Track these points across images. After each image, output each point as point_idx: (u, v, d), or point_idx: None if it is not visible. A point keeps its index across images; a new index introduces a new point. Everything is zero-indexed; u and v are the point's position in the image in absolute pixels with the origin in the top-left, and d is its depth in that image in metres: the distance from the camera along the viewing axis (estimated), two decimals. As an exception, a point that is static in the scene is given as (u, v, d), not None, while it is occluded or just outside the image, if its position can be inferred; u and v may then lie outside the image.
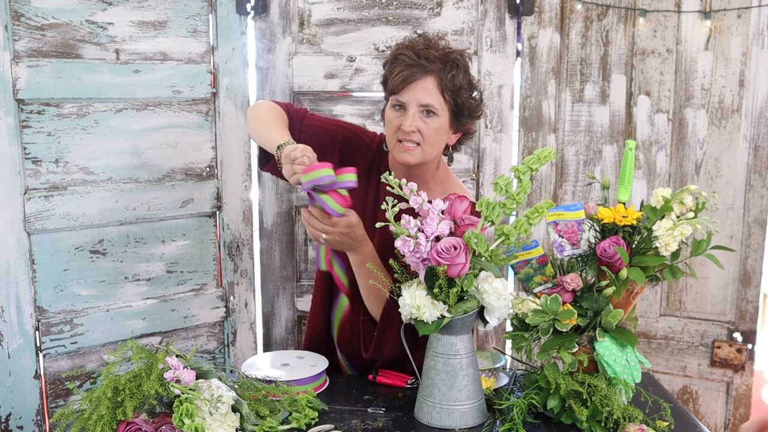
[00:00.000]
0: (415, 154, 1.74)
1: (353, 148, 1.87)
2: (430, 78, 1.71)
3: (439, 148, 1.79)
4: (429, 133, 1.73)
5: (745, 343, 2.46)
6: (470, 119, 1.80)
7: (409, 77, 1.70)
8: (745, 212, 2.42)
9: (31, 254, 2.06)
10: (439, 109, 1.72)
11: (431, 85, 1.71)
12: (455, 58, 1.74)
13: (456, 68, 1.72)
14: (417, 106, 1.71)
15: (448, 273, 1.51)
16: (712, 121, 2.42)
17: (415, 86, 1.71)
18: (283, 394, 1.64)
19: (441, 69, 1.71)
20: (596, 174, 2.50)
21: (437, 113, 1.72)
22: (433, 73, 1.71)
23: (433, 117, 1.72)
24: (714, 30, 2.38)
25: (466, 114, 1.77)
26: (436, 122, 1.73)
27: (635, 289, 1.64)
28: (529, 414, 1.61)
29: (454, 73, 1.71)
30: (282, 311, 2.62)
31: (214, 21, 2.36)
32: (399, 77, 1.71)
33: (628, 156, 1.69)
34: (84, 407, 1.45)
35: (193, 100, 2.34)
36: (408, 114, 1.72)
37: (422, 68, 1.70)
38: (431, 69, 1.71)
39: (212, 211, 2.42)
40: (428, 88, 1.71)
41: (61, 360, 2.15)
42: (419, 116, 1.72)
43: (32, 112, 2.04)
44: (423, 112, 1.72)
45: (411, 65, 1.71)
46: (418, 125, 1.71)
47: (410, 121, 1.71)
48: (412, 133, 1.72)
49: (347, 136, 1.88)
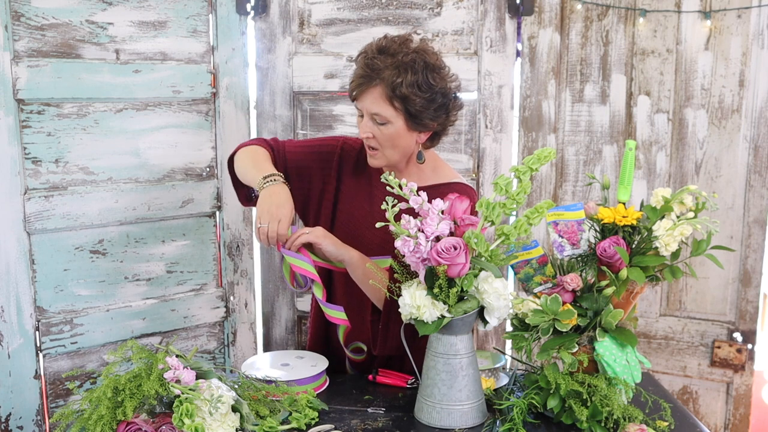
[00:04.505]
0: (378, 158, 1.80)
1: (341, 158, 1.92)
2: (378, 87, 1.72)
3: (404, 149, 1.81)
4: (383, 140, 1.76)
5: (745, 343, 2.46)
6: (435, 120, 1.77)
7: (358, 86, 1.74)
8: (745, 212, 2.42)
9: (31, 254, 2.06)
10: (390, 117, 1.73)
11: (378, 95, 1.72)
12: (406, 62, 1.69)
13: (405, 73, 1.69)
14: (369, 114, 1.75)
15: (448, 273, 1.51)
16: (712, 121, 2.42)
17: (365, 95, 1.74)
18: (283, 394, 1.64)
19: (389, 76, 1.69)
20: (596, 174, 2.50)
21: (389, 121, 1.74)
22: (382, 81, 1.71)
23: (386, 125, 1.74)
24: (714, 30, 2.38)
25: (426, 116, 1.74)
26: (389, 129, 1.75)
27: (635, 289, 1.64)
28: (529, 414, 1.61)
29: (401, 80, 1.68)
30: (282, 311, 2.62)
31: (214, 21, 2.36)
32: (352, 85, 1.76)
33: (628, 156, 1.69)
34: (84, 407, 1.45)
35: (193, 100, 2.34)
36: (363, 121, 1.77)
37: (369, 79, 1.72)
38: (380, 77, 1.71)
39: (212, 211, 2.43)
40: (375, 98, 1.72)
41: (61, 360, 2.15)
42: (371, 124, 1.75)
43: (32, 112, 2.04)
44: (375, 121, 1.75)
45: (361, 75, 1.73)
46: (372, 131, 1.75)
47: (363, 128, 1.76)
48: (369, 138, 1.77)
49: (329, 152, 1.92)
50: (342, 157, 1.92)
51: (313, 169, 1.91)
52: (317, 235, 1.75)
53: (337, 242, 1.78)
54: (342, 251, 1.77)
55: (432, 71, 1.72)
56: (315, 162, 1.91)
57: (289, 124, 2.52)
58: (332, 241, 1.77)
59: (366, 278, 1.75)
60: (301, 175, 1.90)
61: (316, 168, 1.91)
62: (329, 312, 1.80)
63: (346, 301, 1.88)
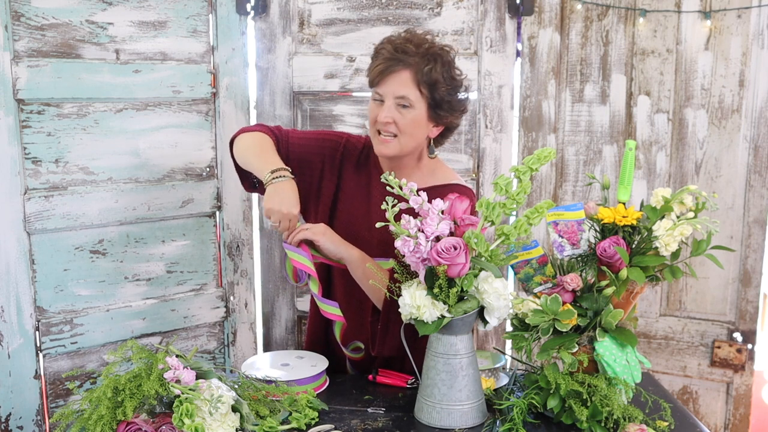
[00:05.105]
0: (391, 146, 1.79)
1: (344, 154, 1.92)
2: (407, 71, 1.74)
3: (418, 140, 1.82)
4: (404, 124, 1.76)
5: (745, 343, 2.46)
6: (451, 114, 1.82)
7: (385, 70, 1.75)
8: (745, 212, 2.42)
9: (31, 254, 2.06)
10: (415, 101, 1.75)
11: (406, 78, 1.74)
12: (435, 52, 1.77)
13: (434, 62, 1.75)
14: (393, 98, 1.75)
15: (448, 273, 1.51)
16: (712, 121, 2.42)
17: (391, 78, 1.75)
18: (283, 394, 1.64)
19: (418, 62, 1.74)
20: (596, 174, 2.50)
21: (413, 105, 1.75)
22: (410, 66, 1.74)
23: (408, 109, 1.76)
24: (714, 30, 2.38)
25: (445, 108, 1.80)
26: (411, 113, 1.76)
27: (635, 289, 1.64)
28: (529, 414, 1.61)
29: (431, 66, 1.74)
30: (282, 311, 2.62)
31: (214, 21, 2.36)
32: (377, 70, 1.76)
33: (628, 156, 1.69)
34: (84, 407, 1.45)
35: (193, 100, 2.34)
36: (385, 105, 1.76)
37: (399, 61, 1.74)
38: (408, 62, 1.74)
39: (212, 211, 2.43)
40: (403, 80, 1.74)
41: (61, 360, 2.15)
42: (395, 108, 1.76)
43: (32, 112, 2.04)
44: (399, 105, 1.75)
45: (389, 58, 1.75)
46: (393, 116, 1.75)
47: (385, 113, 1.75)
48: (388, 124, 1.76)
49: (333, 148, 1.92)
50: (344, 155, 1.92)
51: (315, 162, 1.91)
52: (315, 232, 1.76)
53: (337, 240, 1.78)
54: (341, 249, 1.77)
55: (453, 67, 1.80)
56: (317, 156, 1.91)
57: (289, 124, 2.52)
58: (331, 239, 1.77)
59: (366, 277, 1.75)
60: (302, 168, 1.89)
61: (317, 162, 1.91)
62: (324, 307, 1.82)
63: (346, 301, 1.88)
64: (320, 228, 1.78)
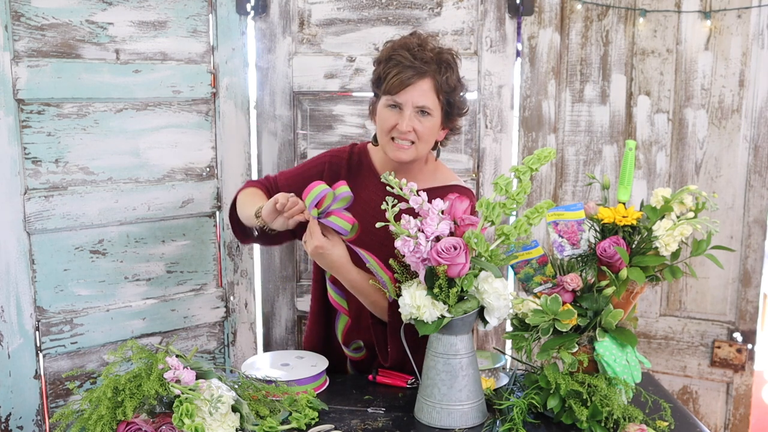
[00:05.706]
0: (409, 152, 1.79)
1: (331, 171, 1.93)
2: (427, 80, 1.75)
3: (431, 145, 1.85)
4: (424, 133, 1.78)
5: (745, 343, 2.46)
6: (459, 117, 1.87)
7: (405, 80, 1.74)
8: (745, 212, 2.42)
9: (31, 254, 2.06)
10: (434, 109, 1.77)
11: (427, 87, 1.75)
12: (447, 58, 1.78)
13: (449, 69, 1.77)
14: (413, 107, 1.75)
15: (448, 273, 1.51)
16: (712, 121, 2.42)
17: (412, 89, 1.74)
18: (283, 394, 1.64)
19: (436, 70, 1.75)
20: (596, 174, 2.50)
21: (432, 113, 1.77)
22: (429, 75, 1.75)
23: (427, 117, 1.77)
24: (714, 30, 2.38)
25: (455, 112, 1.83)
26: (430, 122, 1.78)
27: (635, 289, 1.64)
28: (529, 414, 1.61)
29: (448, 75, 1.76)
30: (282, 311, 2.62)
31: (214, 21, 2.36)
32: (396, 79, 1.74)
33: (628, 156, 1.69)
34: (84, 407, 1.45)
35: (193, 100, 2.34)
36: (404, 115, 1.76)
37: (418, 70, 1.74)
38: (427, 71, 1.74)
39: (212, 211, 2.43)
40: (425, 91, 1.75)
41: (61, 360, 2.15)
42: (415, 117, 1.76)
43: (32, 112, 2.04)
44: (418, 113, 1.76)
45: (408, 67, 1.74)
46: (414, 125, 1.76)
47: (407, 122, 1.75)
48: (408, 132, 1.77)
49: (318, 171, 1.93)
50: (331, 170, 1.93)
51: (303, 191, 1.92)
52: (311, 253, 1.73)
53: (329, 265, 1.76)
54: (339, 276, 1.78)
55: (458, 71, 1.82)
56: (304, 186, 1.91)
57: (289, 124, 2.52)
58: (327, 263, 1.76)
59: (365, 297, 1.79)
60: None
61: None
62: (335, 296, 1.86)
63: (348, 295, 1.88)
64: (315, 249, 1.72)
